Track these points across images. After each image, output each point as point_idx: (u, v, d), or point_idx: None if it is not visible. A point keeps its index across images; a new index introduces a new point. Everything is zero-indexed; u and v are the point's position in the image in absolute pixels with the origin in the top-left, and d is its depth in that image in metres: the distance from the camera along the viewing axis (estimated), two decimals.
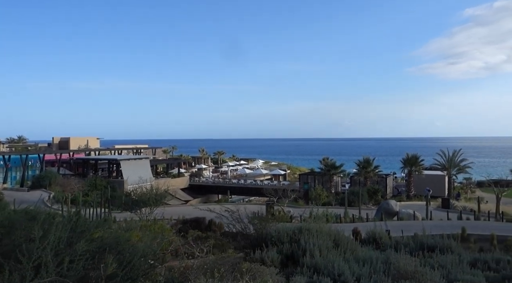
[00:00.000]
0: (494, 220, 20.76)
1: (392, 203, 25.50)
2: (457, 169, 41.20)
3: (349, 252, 11.44)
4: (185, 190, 51.97)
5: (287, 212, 25.76)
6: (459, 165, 41.07)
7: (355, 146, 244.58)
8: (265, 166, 76.18)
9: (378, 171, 41.65)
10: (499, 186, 27.10)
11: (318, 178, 44.16)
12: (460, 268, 9.38)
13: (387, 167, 57.23)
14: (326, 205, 32.51)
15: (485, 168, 76.07)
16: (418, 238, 14.84)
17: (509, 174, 51.60)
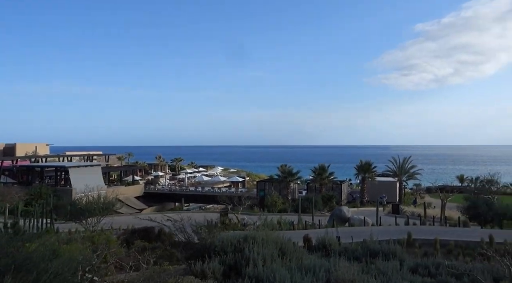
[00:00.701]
0: (438, 225, 21.54)
1: (344, 209, 25.88)
2: (407, 175, 42.84)
3: (295, 261, 11.24)
4: (139, 198, 50.22)
5: (241, 220, 25.40)
6: (409, 172, 42.74)
7: (316, 153, 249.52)
8: (224, 173, 75.50)
9: (333, 177, 42.41)
10: (445, 191, 28.34)
11: (275, 185, 44.21)
12: (400, 275, 9.44)
13: (344, 174, 58.59)
14: (281, 212, 32.50)
15: (434, 175, 79.99)
16: (366, 244, 15.00)
17: (455, 180, 54.67)
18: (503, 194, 51.00)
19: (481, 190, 33.68)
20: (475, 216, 21.84)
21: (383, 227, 21.46)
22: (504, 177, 74.39)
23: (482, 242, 15.08)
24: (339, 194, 43.49)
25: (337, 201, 39.81)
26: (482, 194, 31.14)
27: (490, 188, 39.76)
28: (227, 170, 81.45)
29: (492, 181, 42.04)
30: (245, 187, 60.70)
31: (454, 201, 32.81)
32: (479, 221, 21.39)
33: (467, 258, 14.11)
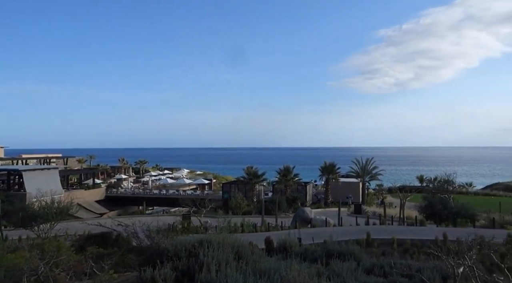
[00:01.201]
0: (397, 224, 22.04)
1: (307, 210, 25.99)
2: (369, 176, 43.83)
3: (251, 264, 10.99)
4: (100, 202, 48.46)
5: (204, 223, 24.94)
6: (371, 173, 43.75)
7: (283, 155, 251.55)
8: (190, 176, 74.42)
9: (298, 179, 42.72)
10: (404, 191, 29.15)
11: (241, 187, 43.99)
12: (354, 276, 9.41)
13: (310, 175, 59.26)
14: (246, 214, 32.28)
15: (396, 175, 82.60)
16: (325, 245, 15.03)
17: (415, 180, 56.60)
18: (459, 193, 53.40)
19: (438, 190, 34.95)
20: (431, 215, 22.53)
21: (344, 227, 21.68)
22: (460, 177, 78.13)
23: (437, 240, 15.49)
24: (304, 195, 43.83)
25: (302, 202, 40.09)
26: (439, 194, 32.28)
27: (447, 187, 41.39)
28: (193, 172, 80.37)
29: (448, 181, 43.79)
30: (212, 189, 60.05)
31: (414, 200, 33.83)
32: (435, 219, 22.07)
33: (422, 257, 14.42)
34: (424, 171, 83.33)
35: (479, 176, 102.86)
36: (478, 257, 13.02)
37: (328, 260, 12.28)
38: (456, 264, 5.88)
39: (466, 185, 58.08)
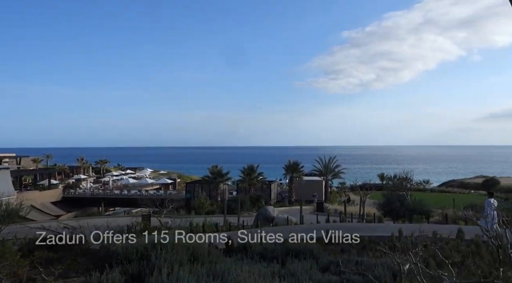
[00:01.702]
0: (357, 221, 22.46)
1: (269, 209, 25.96)
2: (332, 174, 44.62)
3: (207, 266, 10.71)
4: (57, 204, 46.33)
5: (165, 223, 24.30)
6: (334, 171, 44.55)
7: (250, 154, 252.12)
8: (153, 175, 72.86)
9: (262, 178, 42.76)
10: (364, 189, 29.85)
11: (205, 186, 43.52)
12: (308, 275, 9.37)
13: (276, 174, 59.63)
14: (209, 213, 31.89)
15: (360, 174, 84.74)
16: (285, 243, 15.01)
17: (377, 178, 58.27)
18: (417, 190, 55.55)
19: (397, 187, 36.12)
20: (389, 211, 23.15)
21: (305, 225, 21.81)
22: (419, 175, 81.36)
23: (392, 236, 15.80)
24: (268, 194, 43.96)
25: (266, 201, 40.15)
26: (397, 191, 33.35)
27: (405, 185, 42.92)
28: (156, 172, 78.73)
29: (406, 179, 45.44)
30: (176, 189, 59.09)
31: (374, 198, 34.73)
32: (393, 216, 22.68)
33: (378, 253, 14.69)
34: (385, 169, 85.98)
35: (436, 174, 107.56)
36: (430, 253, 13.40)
37: (287, 259, 12.29)
38: (403, 261, 5.90)
39: (424, 182, 60.52)
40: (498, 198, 47.23)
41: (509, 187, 59.06)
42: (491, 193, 15.94)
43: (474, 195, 52.85)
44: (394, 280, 7.53)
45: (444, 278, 5.52)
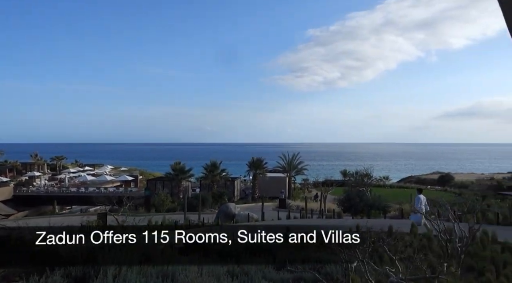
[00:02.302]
0: (317, 217, 22.66)
1: (231, 206, 25.71)
2: (295, 171, 44.96)
3: (159, 266, 10.26)
4: (7, 202, 43.69)
5: (122, 222, 23.40)
6: (297, 167, 44.91)
7: (216, 150, 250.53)
8: (114, 172, 70.53)
9: (225, 174, 42.37)
10: (326, 185, 30.23)
11: (167, 183, 42.57)
12: (262, 273, 9.18)
13: (241, 171, 59.40)
14: (170, 211, 31.18)
15: (324, 170, 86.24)
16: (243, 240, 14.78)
17: (339, 174, 59.48)
18: (377, 186, 57.19)
19: (357, 183, 36.90)
20: (349, 207, 23.52)
21: (266, 222, 21.73)
22: (380, 171, 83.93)
23: (350, 231, 15.95)
24: (232, 190, 43.65)
25: (229, 198, 39.83)
26: (357, 187, 34.04)
27: (366, 181, 44.03)
28: (117, 169, 76.31)
29: (367, 175, 46.65)
30: (138, 186, 57.49)
31: (336, 194, 35.34)
32: (352, 212, 23.07)
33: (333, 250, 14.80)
34: (348, 166, 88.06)
35: (396, 170, 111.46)
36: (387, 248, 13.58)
37: (246, 257, 12.07)
38: (351, 258, 5.81)
39: (384, 178, 62.40)
40: (452, 193, 49.64)
41: (462, 182, 62.16)
42: (420, 190, 16.70)
43: (430, 190, 55.08)
44: (345, 276, 7.48)
45: (391, 274, 5.45)
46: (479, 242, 11.18)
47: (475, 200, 29.60)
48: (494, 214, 16.66)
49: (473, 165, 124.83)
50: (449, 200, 33.59)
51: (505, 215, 16.50)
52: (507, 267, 8.42)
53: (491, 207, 23.83)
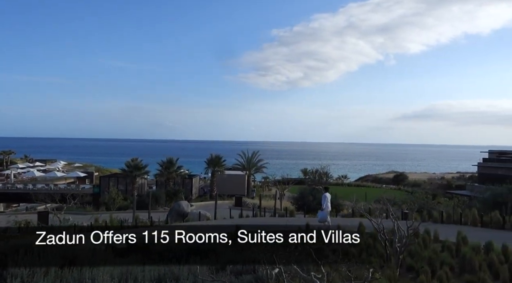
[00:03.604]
0: (269, 215, 22.34)
1: (183, 204, 24.86)
2: (255, 168, 44.60)
3: (86, 270, 9.37)
4: None
5: (64, 221, 21.99)
6: (256, 165, 44.56)
7: (178, 147, 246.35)
8: (67, 168, 67.24)
9: (182, 171, 41.30)
10: (282, 183, 30.03)
11: (121, 180, 40.92)
12: (193, 278, 8.59)
13: (202, 168, 58.23)
14: (122, 209, 29.85)
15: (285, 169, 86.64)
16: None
17: (300, 173, 59.92)
18: (336, 185, 58.11)
19: (314, 182, 37.11)
20: (302, 205, 23.39)
21: (217, 221, 21.13)
22: (341, 170, 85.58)
23: (299, 230, 15.67)
24: (190, 188, 42.64)
25: (186, 196, 38.85)
26: (314, 185, 34.21)
27: (324, 179, 44.52)
28: (71, 165, 72.83)
29: (326, 173, 47.22)
30: (93, 183, 55.02)
31: (294, 192, 35.30)
32: (305, 210, 22.94)
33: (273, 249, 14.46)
34: (309, 165, 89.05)
35: (356, 169, 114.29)
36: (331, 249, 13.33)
37: (189, 258, 11.47)
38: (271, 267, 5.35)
39: (342, 177, 63.63)
40: (405, 191, 51.27)
41: (415, 182, 64.57)
42: (326, 188, 17.32)
43: (385, 189, 56.71)
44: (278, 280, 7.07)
45: (316, 280, 5.03)
46: (421, 241, 11.16)
47: (424, 198, 30.56)
48: (439, 213, 16.97)
49: (426, 165, 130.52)
50: (401, 198, 34.50)
51: (449, 213, 16.85)
52: (443, 268, 8.32)
53: (437, 206, 24.54)
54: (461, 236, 10.84)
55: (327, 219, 15.79)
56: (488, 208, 18.52)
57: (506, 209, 18.43)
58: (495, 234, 13.79)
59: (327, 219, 15.81)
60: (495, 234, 13.63)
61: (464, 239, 10.75)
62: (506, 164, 43.86)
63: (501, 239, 11.60)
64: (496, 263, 8.35)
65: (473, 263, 8.25)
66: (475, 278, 7.57)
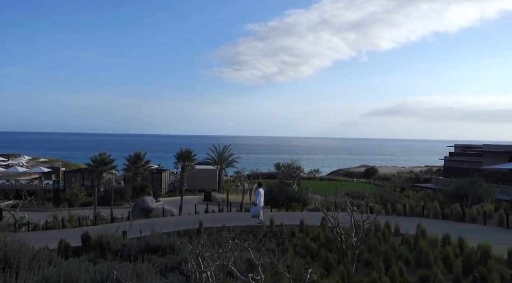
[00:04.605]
0: (236, 210, 21.95)
1: (147, 200, 24.12)
2: (226, 163, 44.07)
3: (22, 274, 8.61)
4: None
5: (20, 219, 20.85)
6: (228, 159, 44.05)
7: (152, 142, 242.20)
8: (31, 163, 64.59)
9: (150, 166, 40.28)
10: (252, 178, 29.67)
11: (87, 175, 39.56)
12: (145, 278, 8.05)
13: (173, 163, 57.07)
14: (86, 205, 28.75)
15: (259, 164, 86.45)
16: (146, 239, 13.54)
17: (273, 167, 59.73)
18: (308, 179, 58.49)
19: (285, 176, 36.98)
20: (270, 200, 23.13)
21: (182, 217, 20.54)
22: (314, 164, 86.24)
23: (263, 225, 15.38)
24: (159, 183, 41.70)
25: (155, 191, 37.95)
26: (285, 179, 34.06)
27: (296, 173, 44.55)
28: (36, 160, 70.04)
29: (299, 168, 47.34)
30: (59, 178, 52.98)
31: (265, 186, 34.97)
32: (273, 204, 22.67)
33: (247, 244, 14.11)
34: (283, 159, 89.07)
35: (328, 163, 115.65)
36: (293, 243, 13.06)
37: (147, 256, 11.03)
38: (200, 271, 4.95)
39: (314, 171, 64.07)
40: (375, 185, 52.05)
41: (385, 175, 65.89)
42: (260, 184, 17.52)
43: (355, 182, 57.53)
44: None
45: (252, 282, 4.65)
46: (380, 235, 11.04)
47: (392, 191, 31.02)
48: (402, 206, 17.06)
49: (396, 159, 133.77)
50: (371, 192, 34.81)
51: (411, 206, 16.96)
52: (397, 263, 8.15)
53: (402, 199, 24.84)
54: (420, 229, 10.77)
55: (260, 214, 16.02)
56: (451, 201, 18.80)
57: (467, 201, 18.76)
58: (454, 226, 13.92)
59: (260, 214, 16.04)
60: (454, 226, 13.75)
61: (423, 232, 10.69)
62: (470, 157, 45.23)
63: (459, 232, 11.65)
64: (451, 256, 8.26)
65: (429, 257, 8.12)
66: (429, 272, 7.42)
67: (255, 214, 16.21)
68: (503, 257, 8.33)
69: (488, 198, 18.29)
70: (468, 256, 7.93)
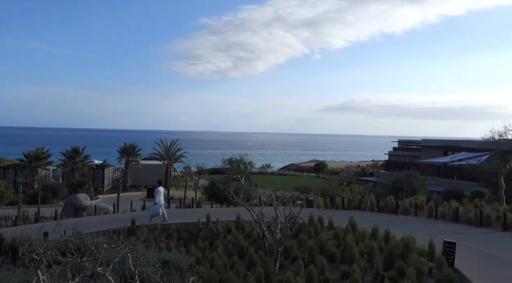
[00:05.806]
0: (175, 207, 21.11)
1: (81, 197, 22.58)
2: (173, 158, 42.67)
3: None
4: None
5: None
6: (175, 155, 42.66)
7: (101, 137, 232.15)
8: None
9: (89, 161, 38.05)
10: (198, 173, 28.85)
11: (20, 171, 36.60)
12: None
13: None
14: (12, 204, 26.41)
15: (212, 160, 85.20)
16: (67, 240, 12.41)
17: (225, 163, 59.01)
18: (260, 174, 58.43)
19: (233, 171, 36.48)
20: (212, 195, 22.53)
21: (116, 215, 19.37)
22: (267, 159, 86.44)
23: (199, 223, 14.73)
24: (101, 179, 39.52)
25: (96, 187, 35.89)
26: (233, 174, 33.54)
27: (248, 168, 44.40)
28: None
29: (250, 163, 47.10)
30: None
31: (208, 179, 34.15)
32: (216, 200, 22.09)
33: (182, 242, 13.43)
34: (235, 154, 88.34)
35: (281, 158, 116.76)
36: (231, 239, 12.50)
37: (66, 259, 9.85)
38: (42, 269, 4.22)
39: (265, 166, 64.17)
40: (323, 179, 53.06)
41: (334, 169, 67.58)
42: (159, 182, 17.28)
43: (306, 177, 58.34)
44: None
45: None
46: (312, 229, 10.80)
47: (337, 185, 31.54)
48: (341, 199, 17.13)
49: (346, 154, 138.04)
50: (317, 185, 35.11)
51: (349, 199, 17.07)
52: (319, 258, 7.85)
53: (343, 192, 25.22)
54: (351, 223, 10.64)
55: (160, 213, 15.65)
56: (388, 193, 19.23)
57: (403, 193, 19.28)
58: (387, 218, 14.09)
59: (159, 213, 15.66)
60: (387, 218, 13.92)
61: (354, 226, 10.57)
62: (411, 152, 47.39)
63: (390, 224, 11.71)
64: (376, 250, 8.10)
65: (353, 251, 7.90)
66: (350, 268, 7.17)
67: (153, 213, 15.68)
68: (425, 249, 8.31)
69: (422, 190, 18.88)
70: (390, 250, 7.79)
